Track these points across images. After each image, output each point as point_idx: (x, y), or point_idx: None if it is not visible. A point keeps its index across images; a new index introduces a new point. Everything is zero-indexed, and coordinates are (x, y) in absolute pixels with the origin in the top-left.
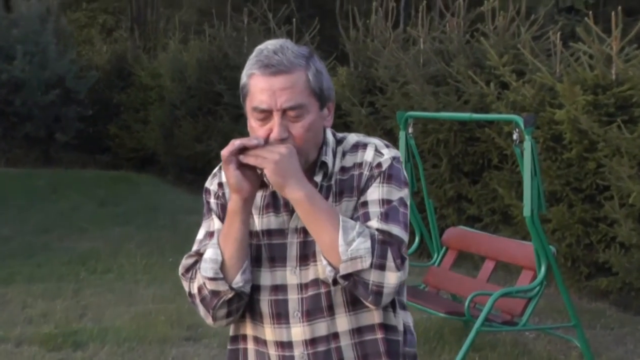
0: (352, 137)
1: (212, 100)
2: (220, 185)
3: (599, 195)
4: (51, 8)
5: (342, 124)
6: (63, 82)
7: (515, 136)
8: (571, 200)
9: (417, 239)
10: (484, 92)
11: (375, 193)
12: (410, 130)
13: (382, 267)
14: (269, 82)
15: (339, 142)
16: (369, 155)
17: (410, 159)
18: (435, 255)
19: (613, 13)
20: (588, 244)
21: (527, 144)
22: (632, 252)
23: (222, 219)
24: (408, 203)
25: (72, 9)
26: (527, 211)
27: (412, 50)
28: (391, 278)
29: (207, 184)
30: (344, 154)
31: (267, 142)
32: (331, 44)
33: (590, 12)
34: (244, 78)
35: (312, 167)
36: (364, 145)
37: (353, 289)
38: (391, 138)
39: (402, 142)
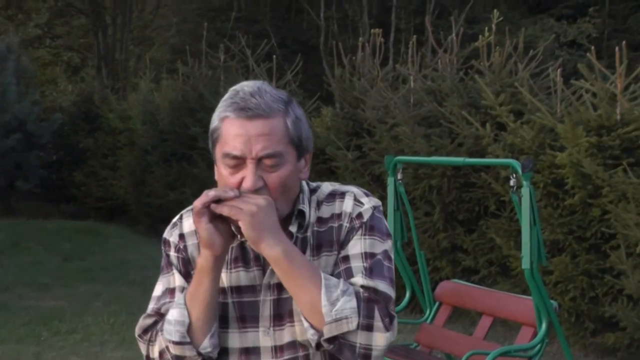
0: (327, 186)
1: (187, 144)
2: (181, 236)
3: (604, 245)
4: (11, 46)
5: (327, 170)
6: (24, 126)
7: (512, 182)
8: (574, 250)
9: (408, 294)
10: (480, 134)
11: (357, 246)
12: (399, 176)
13: (369, 328)
14: (245, 127)
15: (313, 191)
16: (347, 205)
17: (400, 206)
18: (428, 311)
19: (617, 48)
20: (593, 297)
21: (526, 191)
22: None
23: (183, 274)
24: (392, 256)
25: (35, 46)
26: (525, 263)
27: (401, 90)
28: (380, 339)
29: (166, 235)
30: (319, 204)
31: (239, 192)
32: (315, 83)
33: (593, 48)
34: (215, 121)
35: (287, 217)
36: (342, 195)
37: (338, 353)
38: (380, 184)
39: (390, 189)
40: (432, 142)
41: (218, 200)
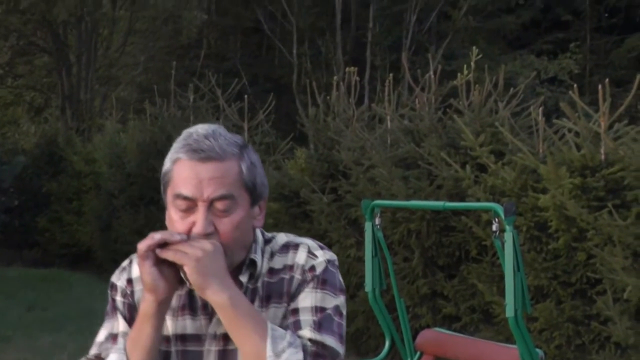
0: (282, 237)
1: (155, 188)
2: (129, 281)
3: (590, 290)
4: None
5: (301, 213)
6: None
7: (494, 226)
8: (559, 296)
9: (387, 343)
10: (459, 176)
11: (307, 299)
12: (377, 220)
13: None
14: (197, 169)
15: (267, 241)
16: (301, 257)
17: (378, 252)
18: None
19: (600, 86)
20: (580, 344)
21: (509, 235)
22: (629, 354)
23: (128, 320)
24: (344, 312)
25: None
26: (509, 311)
27: (378, 130)
28: None
29: (114, 279)
30: (272, 255)
31: (189, 237)
32: (288, 122)
33: (575, 86)
34: (167, 163)
35: (238, 266)
36: (295, 246)
37: None
38: (356, 228)
39: (368, 234)
40: (410, 185)
41: (165, 244)
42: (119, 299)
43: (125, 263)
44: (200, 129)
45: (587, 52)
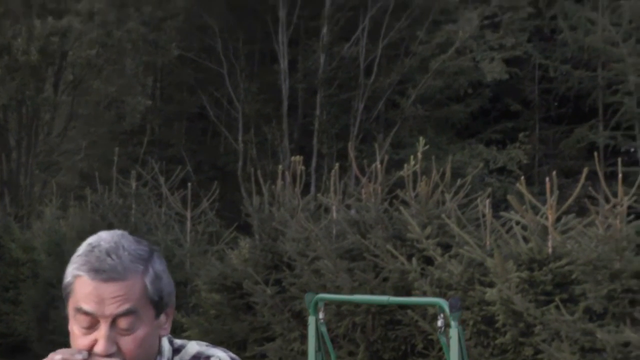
0: (193, 347)
1: None
2: None
3: None
4: None
5: (245, 305)
6: None
7: (440, 322)
8: None
9: None
10: (405, 269)
11: None
12: (321, 315)
13: None
14: (98, 289)
15: (176, 350)
16: None
17: (322, 346)
18: None
19: (547, 179)
20: None
21: (454, 331)
22: None
23: None
24: None
25: None
26: None
27: (323, 221)
28: None
29: None
30: None
31: (90, 354)
32: (233, 211)
33: (523, 177)
34: (68, 277)
35: None
36: (207, 358)
37: None
38: (300, 321)
39: (311, 329)
40: (355, 277)
41: None
42: None
43: None
44: (104, 241)
45: (536, 141)
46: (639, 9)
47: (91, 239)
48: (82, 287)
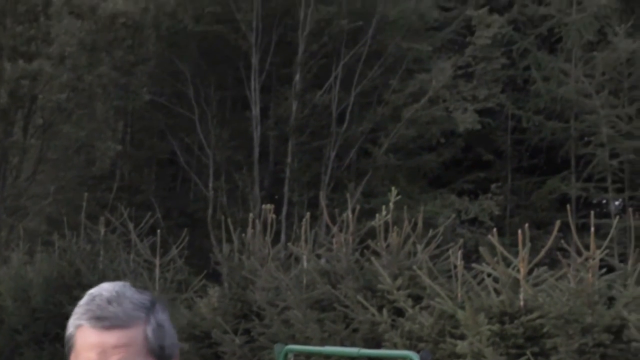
0: None
1: (61, 324)
2: None
3: None
4: None
5: (213, 355)
6: None
7: None
8: None
9: None
10: (376, 320)
11: None
12: None
13: None
14: (100, 338)
15: None
16: None
17: None
18: None
19: (520, 231)
20: None
21: None
22: None
23: None
24: None
25: None
26: None
27: (293, 270)
28: None
29: None
30: None
31: None
32: (202, 258)
33: (495, 229)
34: (70, 328)
35: None
36: None
37: None
38: None
39: None
40: (325, 328)
41: None
42: None
43: None
44: (105, 291)
45: (508, 192)
46: (612, 61)
47: (92, 290)
48: (84, 337)
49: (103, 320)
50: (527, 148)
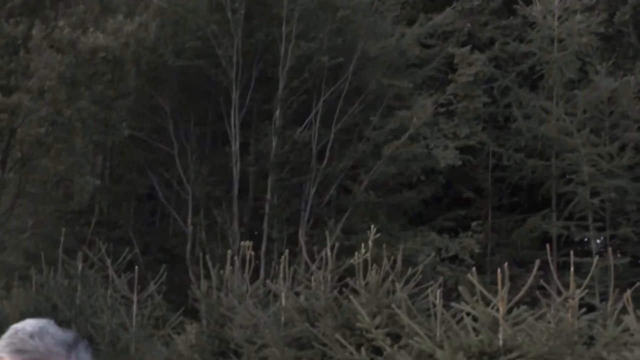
0: None
1: None
2: None
3: None
4: None
5: None
6: None
7: None
8: None
9: None
10: (354, 359)
11: None
12: None
13: None
14: None
15: None
16: None
17: None
18: None
19: (499, 270)
20: None
21: None
22: None
23: None
24: None
25: None
26: None
27: (272, 307)
28: None
29: None
30: None
31: None
32: (180, 294)
33: (474, 268)
34: None
35: None
36: None
37: None
38: None
39: None
40: None
41: None
42: None
43: None
44: (28, 326)
45: (488, 230)
46: (594, 100)
47: (17, 324)
48: None
49: (23, 353)
50: (507, 186)
